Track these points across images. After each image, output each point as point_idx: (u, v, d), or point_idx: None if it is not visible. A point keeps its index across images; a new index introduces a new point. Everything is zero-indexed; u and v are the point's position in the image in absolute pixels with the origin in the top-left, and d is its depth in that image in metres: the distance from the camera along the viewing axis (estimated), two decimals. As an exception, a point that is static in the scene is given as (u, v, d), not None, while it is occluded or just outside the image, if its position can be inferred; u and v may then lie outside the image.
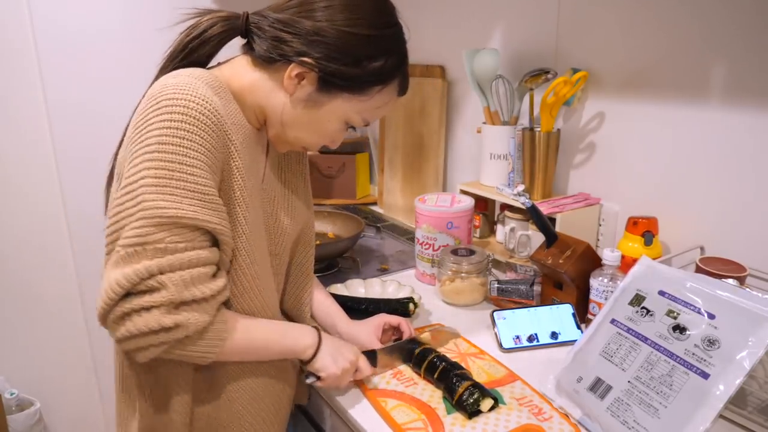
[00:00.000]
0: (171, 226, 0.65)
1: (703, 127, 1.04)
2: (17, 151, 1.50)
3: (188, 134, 0.66)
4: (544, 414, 0.82)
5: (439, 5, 1.59)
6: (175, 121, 0.65)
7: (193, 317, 0.66)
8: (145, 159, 0.65)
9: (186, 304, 0.66)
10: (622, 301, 0.84)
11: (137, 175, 0.65)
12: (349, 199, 1.95)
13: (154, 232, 0.64)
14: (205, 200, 0.67)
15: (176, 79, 0.70)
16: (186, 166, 0.65)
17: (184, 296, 0.65)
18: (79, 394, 1.74)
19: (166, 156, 0.65)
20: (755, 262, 0.95)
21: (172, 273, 0.65)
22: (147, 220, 0.64)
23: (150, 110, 0.67)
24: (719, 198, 1.03)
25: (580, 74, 1.18)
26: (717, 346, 0.71)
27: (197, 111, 0.67)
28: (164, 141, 0.65)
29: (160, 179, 0.64)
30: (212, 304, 0.69)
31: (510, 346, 1.00)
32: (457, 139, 1.63)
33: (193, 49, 0.78)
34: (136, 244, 0.64)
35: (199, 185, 0.66)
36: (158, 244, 0.64)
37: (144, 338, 0.65)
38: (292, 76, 0.74)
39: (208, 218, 0.67)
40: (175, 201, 0.64)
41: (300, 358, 0.83)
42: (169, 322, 0.65)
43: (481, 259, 1.16)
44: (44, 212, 1.57)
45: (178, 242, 0.65)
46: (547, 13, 1.28)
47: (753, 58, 0.95)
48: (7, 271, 1.56)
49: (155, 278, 0.64)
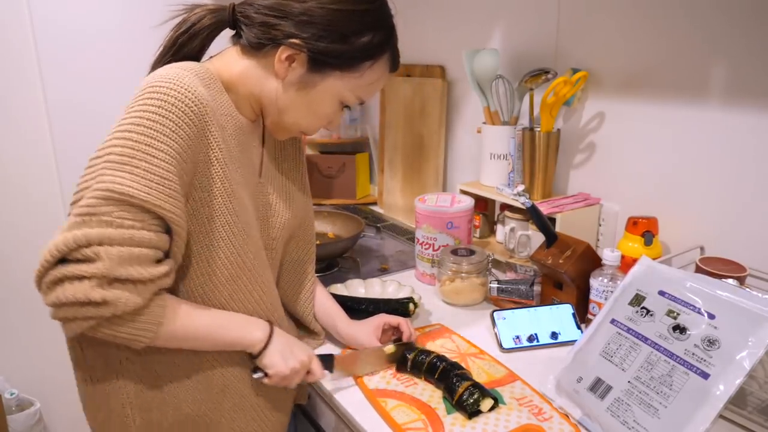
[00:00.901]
0: (121, 202, 0.64)
1: (703, 127, 1.04)
2: (17, 151, 1.50)
3: (162, 119, 0.66)
4: (544, 414, 0.82)
5: (439, 5, 1.59)
6: (153, 106, 0.66)
7: (124, 296, 0.65)
8: (116, 137, 0.66)
9: (119, 282, 0.64)
10: (622, 301, 0.84)
11: (104, 150, 0.66)
12: (349, 199, 1.95)
13: (103, 205, 0.64)
14: (163, 185, 0.66)
15: (165, 70, 0.71)
16: (152, 149, 0.66)
17: (118, 272, 0.63)
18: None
19: (135, 136, 0.66)
20: (755, 262, 0.95)
21: (110, 246, 0.63)
22: (100, 191, 0.64)
23: (135, 98, 0.69)
24: (719, 198, 1.03)
25: (580, 74, 1.18)
26: (717, 346, 0.71)
27: (176, 99, 0.67)
28: (137, 122, 0.66)
29: (122, 156, 0.65)
30: (148, 287, 0.67)
31: (510, 346, 1.00)
32: (457, 139, 1.63)
33: (182, 44, 0.79)
34: (85, 213, 0.64)
35: (160, 169, 0.66)
36: (104, 217, 0.64)
37: (71, 309, 0.64)
38: (282, 59, 0.75)
39: (160, 203, 0.66)
40: (131, 180, 0.64)
41: (248, 352, 0.81)
42: (97, 296, 0.63)
43: (481, 259, 1.16)
44: (44, 212, 1.57)
45: (125, 219, 0.65)
46: (547, 13, 1.28)
47: (752, 58, 0.95)
48: (7, 271, 1.56)
49: (92, 248, 0.63)
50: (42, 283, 0.64)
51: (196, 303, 0.77)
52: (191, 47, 0.79)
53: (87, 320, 0.65)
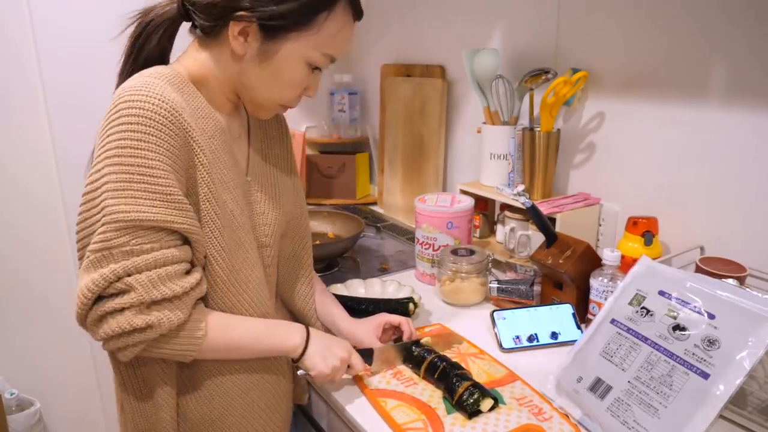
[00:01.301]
0: (134, 229, 0.66)
1: (704, 127, 1.04)
2: (17, 151, 1.50)
3: (146, 136, 0.66)
4: (544, 414, 0.82)
5: (439, 5, 1.59)
6: (132, 123, 0.66)
7: (165, 316, 0.68)
8: (106, 164, 0.66)
9: (157, 304, 0.67)
10: (622, 301, 0.84)
11: (99, 181, 0.67)
12: (349, 199, 1.95)
13: (118, 236, 0.65)
14: (168, 200, 0.67)
15: (134, 81, 0.70)
16: (146, 168, 0.66)
17: (153, 296, 0.66)
18: (79, 394, 1.74)
19: (126, 159, 0.66)
20: (755, 262, 0.95)
21: (139, 274, 0.66)
22: (110, 225, 0.65)
23: (109, 115, 0.68)
24: (719, 198, 1.03)
25: (580, 74, 1.18)
26: (717, 346, 0.71)
27: (153, 112, 0.67)
28: (123, 145, 0.66)
29: (120, 183, 0.65)
30: (185, 301, 0.70)
31: (510, 346, 1.00)
32: (457, 139, 1.63)
33: (141, 48, 0.78)
34: (102, 249, 0.65)
35: (160, 186, 0.67)
36: (123, 248, 0.65)
37: (120, 339, 0.67)
38: (236, 36, 0.73)
39: (171, 218, 0.67)
40: (136, 204, 0.65)
41: (289, 357, 0.84)
42: (140, 323, 0.66)
43: (481, 259, 1.16)
44: (44, 212, 1.57)
45: (143, 244, 0.66)
46: (547, 13, 1.28)
47: (753, 58, 0.95)
48: (7, 271, 1.56)
49: (123, 281, 0.65)
50: (87, 324, 0.68)
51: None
52: (150, 49, 0.78)
53: (137, 345, 0.68)
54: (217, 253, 0.76)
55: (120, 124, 0.66)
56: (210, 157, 0.74)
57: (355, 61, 2.02)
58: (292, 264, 0.96)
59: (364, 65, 1.98)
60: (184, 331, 0.71)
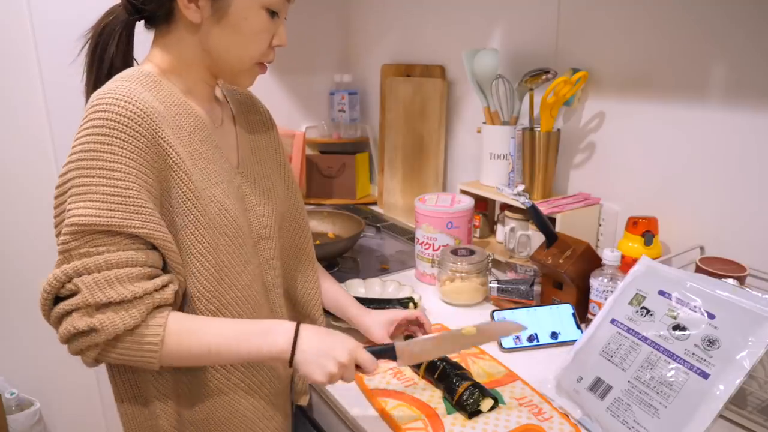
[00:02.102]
0: (90, 233, 0.65)
1: (704, 127, 1.04)
2: (17, 151, 1.50)
3: (109, 138, 0.65)
4: (544, 414, 0.82)
5: (439, 5, 1.59)
6: (97, 127, 0.66)
7: (109, 319, 0.65)
8: (71, 168, 0.66)
9: (104, 307, 0.65)
10: (622, 300, 0.84)
11: (65, 185, 0.67)
12: (349, 199, 1.95)
13: (75, 239, 0.65)
14: (126, 203, 0.66)
15: (105, 86, 0.70)
16: (107, 171, 0.65)
17: (98, 298, 0.64)
18: (79, 394, 1.74)
19: (87, 163, 0.65)
20: (755, 262, 0.95)
21: (87, 275, 0.65)
22: (68, 227, 0.65)
23: (81, 122, 0.68)
24: (719, 198, 1.03)
25: (580, 74, 1.18)
26: (717, 346, 0.71)
27: (118, 114, 0.66)
28: (86, 149, 0.65)
29: (81, 187, 0.65)
30: (137, 305, 0.67)
31: (510, 346, 1.00)
32: (457, 139, 1.63)
33: (101, 58, 0.77)
34: (62, 251, 0.66)
35: (119, 189, 0.65)
36: (80, 249, 0.65)
37: (75, 342, 0.66)
38: (186, 5, 0.72)
39: (126, 222, 0.66)
40: (92, 208, 0.64)
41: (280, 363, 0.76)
42: (82, 325, 0.65)
43: (481, 259, 1.16)
44: (44, 212, 1.56)
45: (98, 246, 0.65)
46: (547, 13, 1.28)
47: (754, 58, 0.95)
48: (7, 271, 1.56)
49: (72, 281, 0.65)
50: (52, 325, 0.68)
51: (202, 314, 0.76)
52: (110, 57, 0.77)
53: (90, 349, 0.67)
54: (204, 250, 0.74)
55: (86, 128, 0.66)
56: (188, 155, 0.72)
57: (355, 61, 2.02)
58: (293, 257, 0.95)
59: (364, 65, 1.98)
60: (136, 337, 0.67)
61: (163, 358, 0.70)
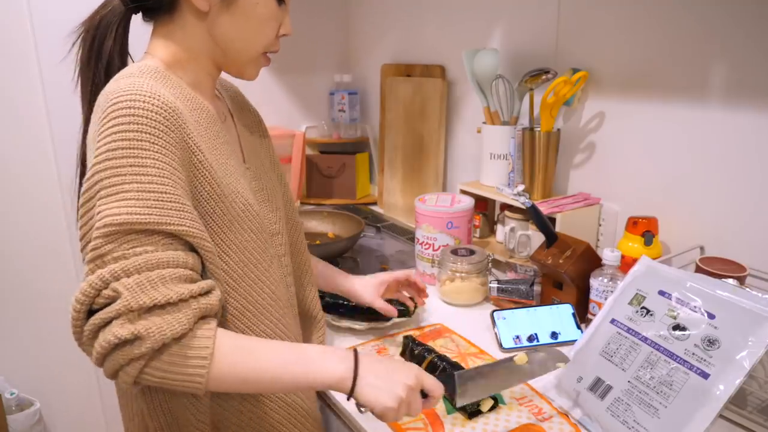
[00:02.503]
0: (125, 233, 0.59)
1: (704, 127, 1.04)
2: (17, 151, 1.50)
3: (138, 134, 0.61)
4: (544, 414, 0.82)
5: (439, 5, 1.59)
6: (124, 124, 0.61)
7: (155, 324, 0.58)
8: (98, 170, 0.61)
9: (148, 311, 0.58)
10: (622, 300, 0.84)
11: (93, 189, 0.61)
12: (349, 199, 1.95)
13: (109, 242, 0.58)
14: (163, 200, 0.61)
15: (117, 84, 0.65)
16: (138, 167, 0.60)
17: (141, 300, 0.57)
18: (79, 394, 1.74)
19: (116, 162, 0.60)
20: (755, 262, 0.95)
21: (128, 278, 0.58)
22: (100, 230, 0.58)
23: (101, 123, 0.62)
24: (719, 198, 1.03)
25: (580, 74, 1.18)
26: (717, 346, 0.71)
27: (145, 110, 0.62)
28: (113, 147, 0.60)
29: (112, 187, 0.60)
30: (184, 309, 0.60)
31: (510, 346, 1.00)
32: (457, 139, 1.63)
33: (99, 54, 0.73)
34: (95, 258, 0.59)
35: (153, 185, 0.60)
36: (114, 253, 0.58)
37: (112, 357, 0.58)
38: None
39: (165, 219, 0.60)
40: (127, 206, 0.59)
41: (340, 391, 0.66)
42: (125, 333, 0.57)
43: (481, 259, 1.16)
44: (44, 212, 1.57)
45: (134, 247, 0.59)
46: (547, 13, 1.28)
47: (754, 57, 0.95)
48: (7, 271, 1.56)
49: (111, 286, 0.58)
50: (83, 345, 0.60)
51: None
52: (108, 52, 0.72)
53: (131, 364, 0.58)
54: (229, 250, 0.70)
55: (111, 127, 0.61)
56: (209, 153, 0.69)
57: (355, 61, 2.02)
58: (293, 254, 0.93)
59: (364, 65, 1.98)
60: (183, 348, 0.59)
61: (210, 380, 0.61)
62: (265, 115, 0.97)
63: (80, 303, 0.58)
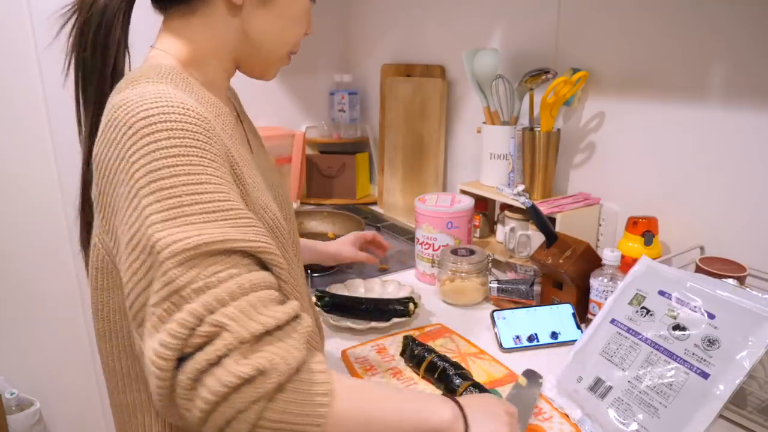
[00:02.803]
0: (201, 258, 0.49)
1: (704, 127, 1.04)
2: (17, 151, 1.50)
3: (183, 149, 0.52)
4: (544, 414, 0.82)
5: (439, 5, 1.59)
6: (163, 140, 0.52)
7: (276, 353, 0.48)
8: (141, 197, 0.51)
9: (260, 340, 0.49)
10: (622, 300, 0.84)
11: (139, 221, 0.50)
12: (349, 199, 1.95)
13: (185, 272, 0.48)
14: (231, 217, 0.53)
15: (135, 90, 0.55)
16: (193, 185, 0.51)
17: (252, 327, 0.48)
18: (79, 394, 1.74)
19: (166, 182, 0.51)
20: (755, 262, 0.95)
21: (225, 307, 0.48)
22: (170, 261, 0.48)
23: (129, 138, 0.53)
24: (719, 198, 1.03)
25: (580, 74, 1.18)
26: (717, 346, 0.71)
27: (183, 122, 0.53)
28: (158, 167, 0.51)
29: (167, 211, 0.50)
30: (291, 333, 0.51)
31: (510, 346, 1.00)
32: (457, 139, 1.63)
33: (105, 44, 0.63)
34: (168, 295, 0.48)
35: (216, 202, 0.52)
36: (194, 284, 0.48)
37: (227, 404, 0.47)
38: None
39: (241, 236, 0.52)
40: (195, 228, 0.50)
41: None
42: (247, 369, 0.47)
43: (481, 259, 1.16)
44: (44, 212, 1.57)
45: (218, 272, 0.49)
46: (547, 13, 1.28)
47: (754, 57, 0.95)
48: (7, 271, 1.56)
49: (208, 320, 0.47)
50: (177, 402, 0.48)
51: None
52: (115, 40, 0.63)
53: (250, 409, 0.47)
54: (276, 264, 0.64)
55: (147, 145, 0.51)
56: (242, 164, 0.61)
57: (355, 61, 2.02)
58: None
59: (364, 65, 1.98)
60: (302, 383, 0.50)
61: (330, 423, 0.51)
62: (266, 115, 0.97)
63: (171, 349, 0.46)
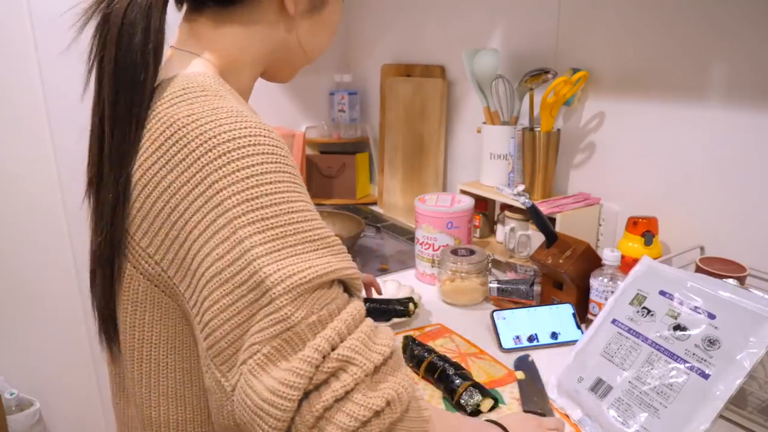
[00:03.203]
0: (310, 292, 0.48)
1: (704, 127, 1.04)
2: (17, 151, 1.50)
3: (277, 175, 0.50)
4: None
5: (439, 5, 1.59)
6: (255, 165, 0.49)
7: (396, 383, 0.49)
8: (238, 226, 0.48)
9: (379, 371, 0.50)
10: (623, 301, 0.84)
11: (234, 252, 0.47)
12: (349, 199, 1.95)
13: (298, 308, 0.47)
14: (330, 245, 0.52)
15: (200, 105, 0.51)
16: (293, 214, 0.49)
17: (376, 360, 0.49)
18: (79, 394, 1.74)
19: (266, 212, 0.48)
20: (755, 262, 0.95)
21: (346, 341, 0.48)
22: (283, 298, 0.46)
23: (206, 162, 0.49)
24: (719, 198, 1.03)
25: (580, 74, 1.18)
26: (717, 346, 0.71)
27: (268, 144, 0.50)
28: (255, 195, 0.48)
29: (272, 243, 0.48)
30: (401, 362, 0.52)
31: (510, 346, 1.00)
32: (457, 139, 1.63)
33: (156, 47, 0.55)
34: (283, 331, 0.46)
35: (315, 230, 0.51)
36: (308, 320, 0.47)
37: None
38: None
39: (342, 265, 0.51)
40: (301, 260, 0.48)
41: None
42: (378, 402, 0.47)
43: (481, 259, 1.16)
44: (44, 212, 1.57)
45: (327, 305, 0.49)
46: (547, 13, 1.28)
47: (755, 57, 0.95)
48: (7, 271, 1.56)
49: (331, 356, 0.47)
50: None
51: None
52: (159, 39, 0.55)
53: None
54: None
55: (236, 171, 0.48)
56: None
57: (355, 61, 2.02)
58: None
59: (364, 65, 1.98)
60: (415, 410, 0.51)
61: None
62: (266, 115, 0.97)
63: (295, 388, 0.45)
